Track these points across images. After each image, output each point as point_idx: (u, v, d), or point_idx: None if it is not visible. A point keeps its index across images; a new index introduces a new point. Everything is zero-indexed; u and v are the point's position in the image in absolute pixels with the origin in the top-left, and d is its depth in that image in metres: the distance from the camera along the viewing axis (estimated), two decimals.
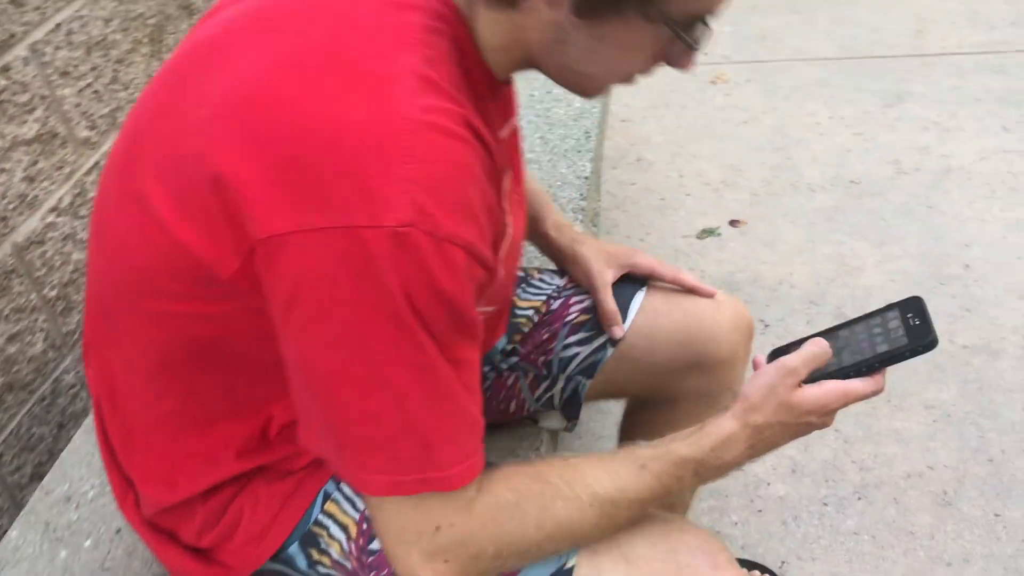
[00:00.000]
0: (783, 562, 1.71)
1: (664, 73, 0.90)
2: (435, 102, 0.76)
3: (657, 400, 1.36)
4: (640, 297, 1.28)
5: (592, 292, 1.27)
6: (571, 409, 1.31)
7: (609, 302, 1.25)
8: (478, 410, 0.84)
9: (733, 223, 2.49)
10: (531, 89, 2.14)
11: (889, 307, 0.99)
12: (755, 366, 1.01)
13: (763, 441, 0.94)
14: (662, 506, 0.99)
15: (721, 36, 3.27)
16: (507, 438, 1.36)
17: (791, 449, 1.88)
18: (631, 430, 1.49)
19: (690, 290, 1.31)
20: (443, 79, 0.78)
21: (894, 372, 1.21)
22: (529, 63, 0.88)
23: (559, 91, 2.13)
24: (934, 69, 3.00)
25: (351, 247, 0.72)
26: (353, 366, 0.77)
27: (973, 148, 2.67)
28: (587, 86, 0.90)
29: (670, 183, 2.64)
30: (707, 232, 2.46)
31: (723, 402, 1.35)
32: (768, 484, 1.85)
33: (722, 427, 0.93)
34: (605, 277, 1.27)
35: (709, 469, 0.93)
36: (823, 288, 2.27)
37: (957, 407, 1.96)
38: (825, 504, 1.80)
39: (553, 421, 1.36)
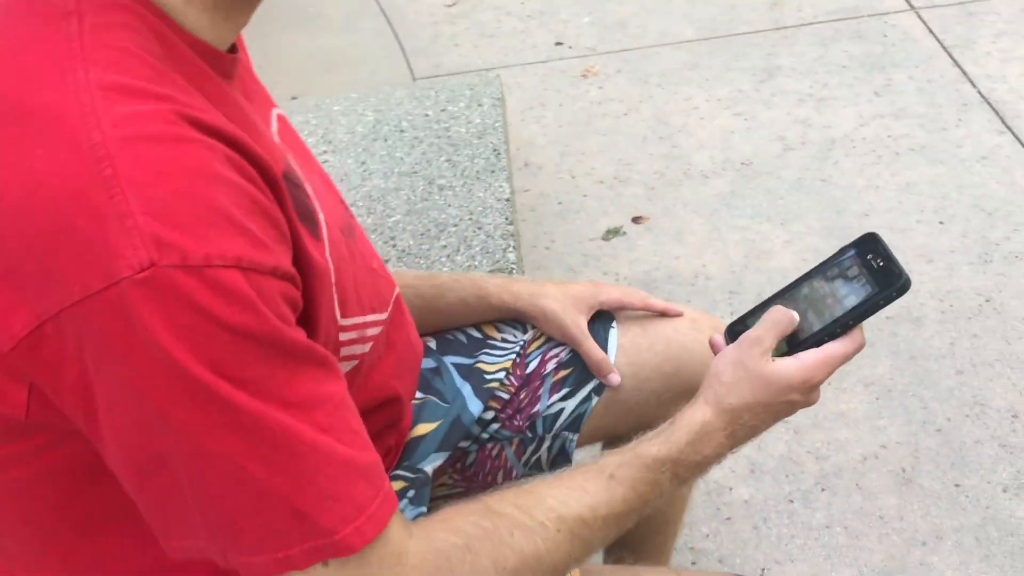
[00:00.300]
0: (763, 569, 1.67)
1: (533, 72, 0.80)
2: (131, 108, 0.63)
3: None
4: (615, 336, 1.19)
5: (573, 345, 1.17)
6: (560, 466, 1.21)
7: (595, 351, 1.16)
8: (363, 450, 0.71)
9: (636, 220, 2.44)
10: (423, 108, 2.02)
11: (842, 252, 0.91)
12: (714, 348, 0.93)
13: (743, 427, 0.86)
14: (654, 511, 0.90)
15: (582, 27, 3.22)
16: None
17: (745, 448, 1.84)
18: None
19: (661, 313, 1.24)
20: (138, 77, 0.65)
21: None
22: None
23: (455, 107, 2.02)
24: (796, 41, 3.03)
25: (101, 318, 0.61)
26: (170, 448, 0.65)
27: (851, 116, 2.70)
28: None
29: (564, 185, 2.57)
30: (612, 232, 2.40)
31: None
32: (731, 489, 1.80)
33: (694, 417, 0.84)
34: (581, 326, 1.17)
35: (688, 467, 0.85)
36: (739, 276, 2.24)
37: (895, 381, 1.97)
38: (791, 501, 1.77)
39: None
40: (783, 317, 0.87)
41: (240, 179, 0.66)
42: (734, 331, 0.92)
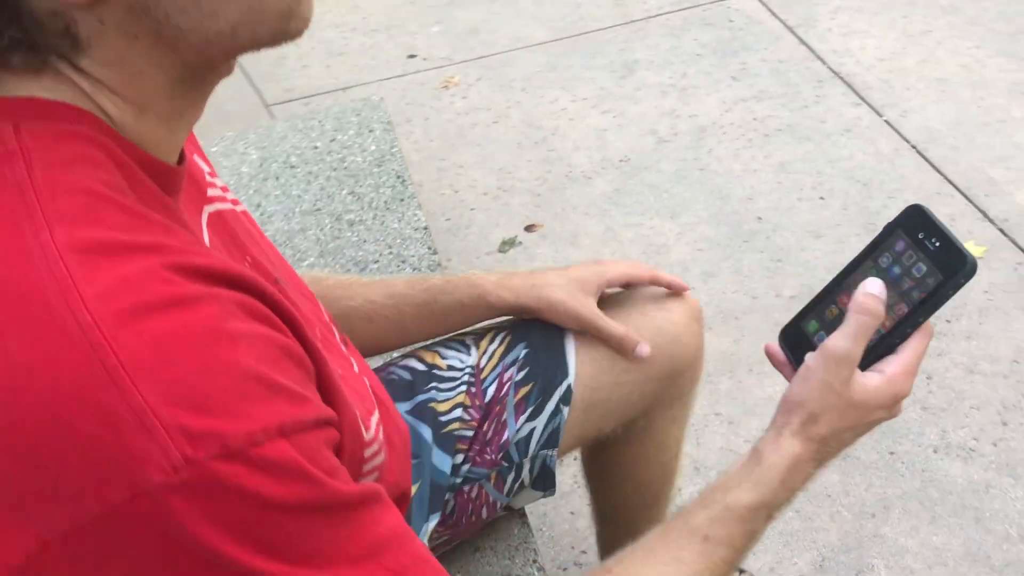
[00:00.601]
0: None
1: (392, 87, 0.74)
2: (114, 273, 0.53)
3: (617, 435, 1.25)
4: (572, 348, 1.14)
5: (590, 330, 1.12)
6: (544, 482, 1.16)
7: (616, 329, 1.11)
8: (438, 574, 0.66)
9: (529, 228, 2.41)
10: (310, 140, 1.92)
11: (888, 232, 0.81)
12: (772, 357, 0.87)
13: (829, 453, 0.81)
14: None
15: (432, 37, 3.17)
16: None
17: (685, 446, 1.84)
18: (600, 473, 1.38)
19: (667, 286, 1.21)
20: (112, 227, 0.55)
21: (743, 340, 1.19)
22: (185, 84, 0.62)
23: (345, 136, 1.93)
24: (648, 34, 3.07)
25: (131, 532, 0.52)
26: None
27: (714, 103, 2.76)
28: (264, 22, 0.60)
29: (448, 201, 2.52)
30: (507, 244, 2.36)
31: (687, 401, 1.28)
32: (680, 490, 1.79)
33: (784, 453, 0.78)
34: (593, 309, 1.12)
35: (780, 506, 0.80)
36: None
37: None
38: None
39: (527, 499, 1.21)
40: (870, 319, 0.77)
41: (256, 325, 0.57)
42: (790, 337, 0.85)
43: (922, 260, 0.78)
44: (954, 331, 2.03)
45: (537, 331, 1.15)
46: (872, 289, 0.78)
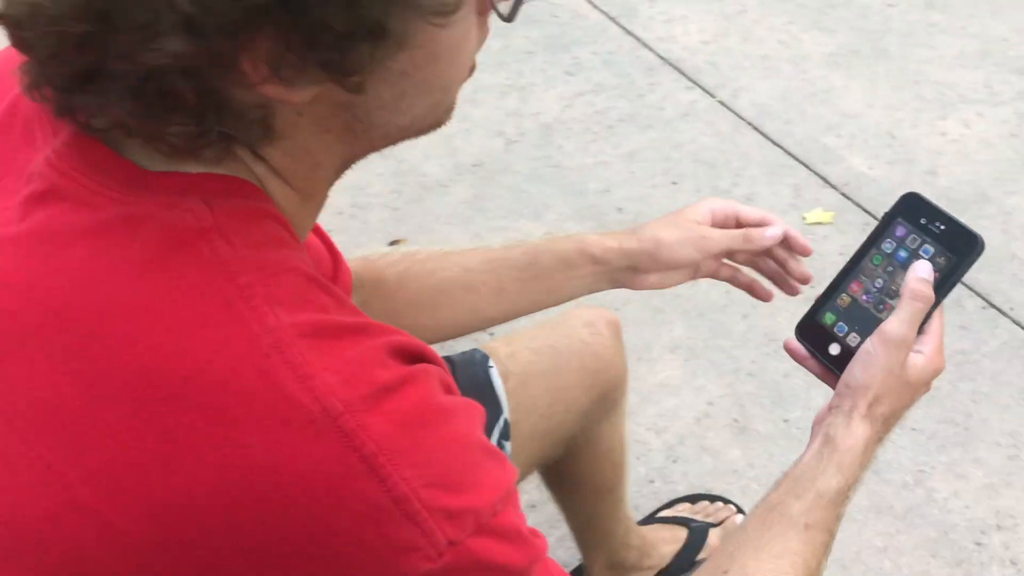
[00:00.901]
0: None
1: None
2: (344, 357, 0.53)
3: (563, 453, 1.25)
4: (496, 376, 1.12)
5: (718, 244, 1.03)
6: None
7: (754, 211, 1.03)
8: None
9: (393, 243, 2.36)
10: None
11: (889, 222, 0.86)
12: (793, 354, 0.90)
13: (889, 431, 0.85)
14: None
15: None
16: None
17: None
18: (558, 486, 1.38)
19: (784, 239, 1.07)
20: (324, 308, 0.56)
21: (626, 331, 1.24)
22: (340, 173, 0.68)
23: None
24: None
25: None
26: None
27: (554, 99, 2.78)
28: (428, 123, 0.68)
29: None
30: None
31: (622, 406, 1.30)
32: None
33: (857, 436, 0.81)
34: (704, 225, 1.03)
35: (858, 486, 0.84)
36: None
37: (694, 340, 2.06)
38: (651, 481, 1.80)
39: None
40: (924, 307, 0.80)
41: (455, 395, 0.58)
42: (807, 332, 0.88)
43: (929, 243, 0.82)
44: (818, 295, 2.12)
45: (461, 372, 1.12)
46: (922, 273, 0.82)
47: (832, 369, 0.87)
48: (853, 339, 0.86)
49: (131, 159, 0.58)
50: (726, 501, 1.72)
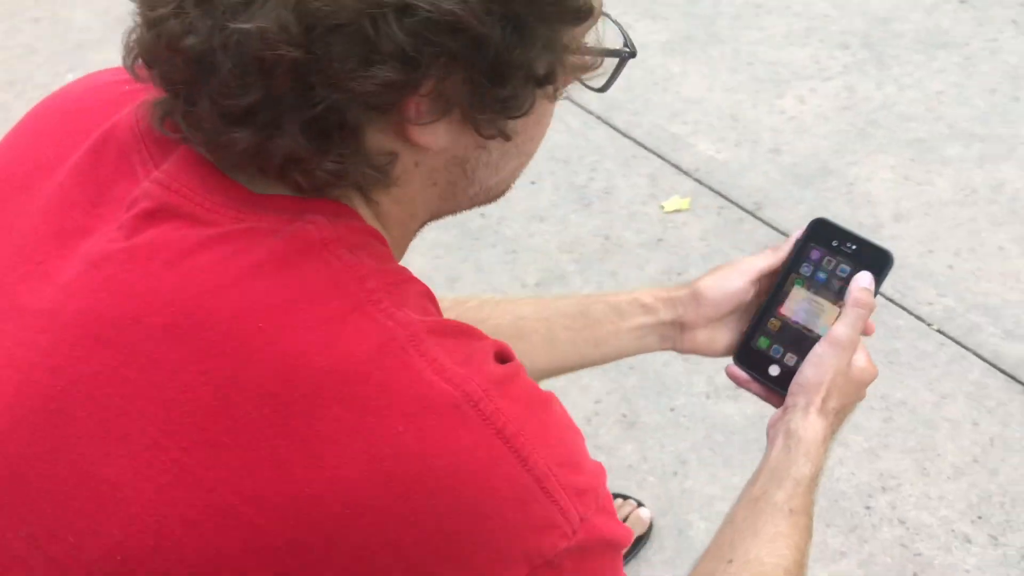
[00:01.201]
0: None
1: None
2: (467, 350, 0.58)
3: None
4: None
5: (770, 261, 0.96)
6: None
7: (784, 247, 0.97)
8: None
9: None
10: None
11: (803, 248, 0.90)
12: (736, 380, 0.95)
13: (840, 423, 0.91)
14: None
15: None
16: None
17: None
18: None
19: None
20: (436, 312, 0.61)
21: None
22: (420, 228, 0.71)
23: None
24: None
25: None
26: None
27: None
28: (500, 189, 0.73)
29: None
30: None
31: None
32: None
33: (816, 428, 0.87)
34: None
35: (820, 475, 0.89)
36: None
37: None
38: None
39: None
40: (866, 312, 0.87)
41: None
42: (745, 358, 0.93)
43: (844, 262, 0.89)
44: (687, 281, 2.16)
45: None
46: (863, 283, 0.88)
47: (774, 389, 0.92)
48: (790, 359, 0.91)
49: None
50: (625, 497, 1.74)
